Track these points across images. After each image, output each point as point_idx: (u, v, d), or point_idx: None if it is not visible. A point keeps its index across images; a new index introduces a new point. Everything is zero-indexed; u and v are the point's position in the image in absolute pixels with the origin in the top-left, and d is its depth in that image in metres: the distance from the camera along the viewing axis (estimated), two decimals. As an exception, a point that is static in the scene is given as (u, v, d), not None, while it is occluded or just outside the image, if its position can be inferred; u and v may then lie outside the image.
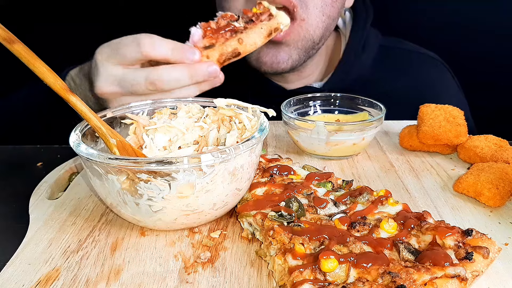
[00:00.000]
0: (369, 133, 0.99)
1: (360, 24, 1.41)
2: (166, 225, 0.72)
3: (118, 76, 0.94)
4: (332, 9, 1.22)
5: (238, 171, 0.69)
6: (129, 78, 0.94)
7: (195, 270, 0.64)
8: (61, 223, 0.77)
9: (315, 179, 0.80)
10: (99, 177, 0.69)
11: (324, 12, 1.20)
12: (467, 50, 1.72)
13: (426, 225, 0.65)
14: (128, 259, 0.67)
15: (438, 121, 0.99)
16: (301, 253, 0.60)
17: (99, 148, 0.78)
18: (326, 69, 1.48)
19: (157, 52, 0.92)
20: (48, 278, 0.63)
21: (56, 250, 0.69)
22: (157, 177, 0.64)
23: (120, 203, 0.69)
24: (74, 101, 0.69)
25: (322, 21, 1.21)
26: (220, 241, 0.71)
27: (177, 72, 0.92)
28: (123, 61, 0.94)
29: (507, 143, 0.95)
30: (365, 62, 1.41)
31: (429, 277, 0.55)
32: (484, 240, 0.62)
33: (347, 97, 1.12)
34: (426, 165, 0.98)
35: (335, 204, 0.73)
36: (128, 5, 1.80)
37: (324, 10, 1.20)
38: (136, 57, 0.93)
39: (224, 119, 0.83)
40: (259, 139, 0.71)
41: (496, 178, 0.81)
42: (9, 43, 0.64)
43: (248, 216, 0.72)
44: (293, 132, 1.03)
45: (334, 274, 0.57)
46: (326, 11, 1.21)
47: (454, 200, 0.83)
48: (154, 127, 0.80)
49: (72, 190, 0.88)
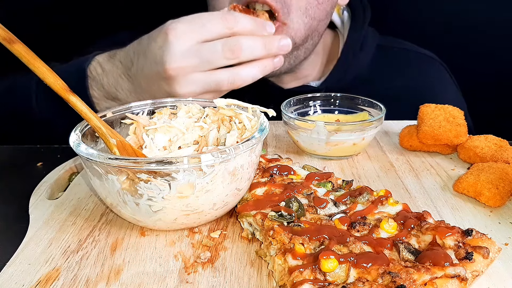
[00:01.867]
0: (369, 133, 0.99)
1: (358, 24, 1.41)
2: (166, 225, 0.72)
3: (195, 49, 0.96)
4: (317, 11, 1.21)
5: (238, 171, 0.69)
6: (207, 49, 0.96)
7: (195, 270, 0.64)
8: (61, 223, 0.77)
9: (315, 179, 0.80)
10: (99, 177, 0.69)
11: (308, 14, 1.19)
12: (466, 49, 1.71)
13: (426, 225, 0.65)
14: (128, 259, 0.67)
15: (438, 121, 0.99)
16: (301, 253, 0.60)
17: (99, 148, 0.78)
18: (324, 68, 1.48)
19: (240, 25, 0.97)
20: (48, 278, 0.63)
21: (56, 250, 0.69)
22: (157, 177, 0.64)
23: (120, 203, 0.69)
24: (74, 101, 0.69)
25: (305, 23, 1.20)
26: (220, 241, 0.71)
27: (253, 40, 0.98)
28: (205, 36, 0.96)
29: (507, 143, 0.95)
30: (363, 61, 1.41)
31: (429, 277, 0.55)
32: (484, 240, 0.62)
33: (347, 97, 1.12)
34: (426, 165, 0.98)
35: (335, 204, 0.73)
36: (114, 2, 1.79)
37: (307, 12, 1.19)
38: (220, 32, 0.96)
39: (224, 119, 0.83)
40: (259, 139, 0.71)
41: (496, 178, 0.81)
42: (9, 43, 0.64)
43: (248, 216, 0.72)
44: (293, 132, 1.03)
45: (334, 274, 0.57)
46: (310, 13, 1.19)
47: (454, 200, 0.83)
48: (154, 127, 0.80)
49: (72, 190, 0.88)
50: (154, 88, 1.04)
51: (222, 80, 1.00)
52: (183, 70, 0.98)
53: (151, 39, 1.02)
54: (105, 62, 1.13)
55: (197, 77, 0.99)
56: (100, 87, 1.13)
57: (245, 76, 1.01)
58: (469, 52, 1.71)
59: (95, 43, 1.36)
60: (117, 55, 1.13)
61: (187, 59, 0.97)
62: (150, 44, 1.01)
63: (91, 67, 1.13)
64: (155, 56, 0.99)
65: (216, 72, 0.99)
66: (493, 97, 1.74)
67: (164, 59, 0.97)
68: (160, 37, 0.98)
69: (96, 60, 1.14)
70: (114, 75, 1.11)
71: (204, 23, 0.97)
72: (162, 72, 0.98)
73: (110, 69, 1.12)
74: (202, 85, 1.00)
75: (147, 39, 1.03)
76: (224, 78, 0.99)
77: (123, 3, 1.78)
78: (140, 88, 1.08)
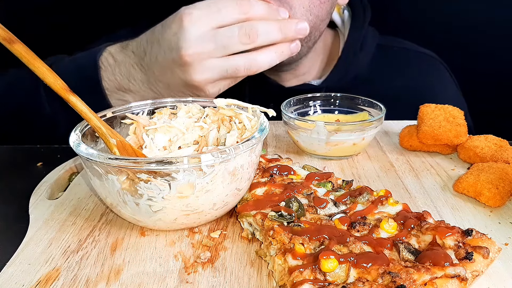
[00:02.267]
0: (369, 133, 0.99)
1: (359, 23, 1.41)
2: (166, 225, 0.72)
3: (211, 34, 0.96)
4: (320, 10, 1.21)
5: (238, 171, 0.69)
6: (223, 34, 0.96)
7: (195, 270, 0.64)
8: (61, 223, 0.77)
9: (315, 179, 0.80)
10: (99, 177, 0.69)
11: (312, 12, 1.19)
12: (466, 49, 1.71)
13: (426, 225, 0.65)
14: (128, 259, 0.67)
15: (438, 121, 0.99)
16: (301, 253, 0.60)
17: (99, 148, 0.78)
18: (325, 67, 1.48)
19: (255, 10, 0.98)
20: (48, 278, 0.63)
21: (56, 250, 0.69)
22: (157, 177, 0.64)
23: (120, 203, 0.69)
24: (74, 101, 0.69)
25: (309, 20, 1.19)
26: (220, 241, 0.71)
27: (269, 25, 0.98)
28: (220, 21, 0.96)
29: (507, 143, 0.95)
30: (363, 61, 1.41)
31: (429, 277, 0.55)
32: (484, 240, 0.62)
33: (347, 97, 1.12)
34: (426, 165, 0.98)
35: (335, 204, 0.73)
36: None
37: (312, 10, 1.19)
38: (236, 17, 0.97)
39: (224, 119, 0.83)
40: (259, 139, 0.71)
41: (496, 178, 0.81)
42: (9, 43, 0.64)
43: (248, 216, 0.72)
44: (293, 132, 1.03)
45: (334, 274, 0.57)
46: (314, 11, 1.19)
47: (454, 200, 0.83)
48: (154, 127, 0.80)
49: (72, 190, 0.88)
50: (168, 76, 1.04)
51: (239, 65, 0.99)
52: (199, 56, 0.97)
53: (165, 26, 1.01)
54: (117, 53, 1.12)
55: (213, 63, 0.98)
56: (112, 78, 1.11)
57: (262, 62, 1.00)
58: (469, 52, 1.71)
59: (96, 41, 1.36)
60: (129, 46, 1.11)
61: (203, 44, 0.96)
62: (165, 31, 1.00)
63: (103, 58, 1.11)
64: (169, 42, 0.99)
65: (232, 58, 0.99)
66: (493, 97, 1.74)
67: (180, 45, 0.97)
68: (175, 23, 0.98)
69: (107, 51, 1.13)
70: (127, 66, 1.10)
71: (219, 8, 0.96)
72: (178, 59, 0.98)
73: (122, 59, 1.11)
74: (218, 71, 0.99)
75: (161, 27, 1.03)
76: (241, 64, 0.99)
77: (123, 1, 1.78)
78: (154, 77, 1.07)
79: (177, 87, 1.06)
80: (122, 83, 1.11)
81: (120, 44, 1.14)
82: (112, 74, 1.11)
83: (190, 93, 1.07)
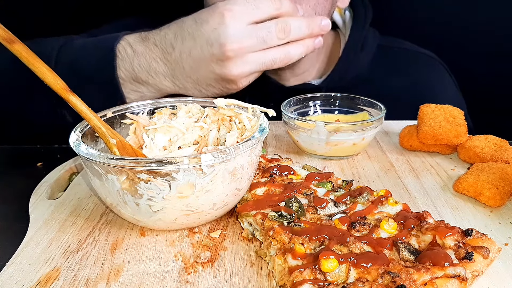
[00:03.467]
0: (369, 133, 0.99)
1: (360, 24, 1.42)
2: (166, 225, 0.72)
3: (250, 29, 1.02)
4: (323, 8, 1.24)
5: (238, 171, 0.69)
6: (262, 29, 1.02)
7: (195, 270, 0.64)
8: (61, 223, 0.77)
9: (315, 179, 0.80)
10: (99, 177, 0.69)
11: (316, 11, 1.22)
12: (466, 49, 1.71)
13: (426, 225, 0.65)
14: (128, 259, 0.67)
15: (438, 121, 0.99)
16: (301, 253, 0.60)
17: (99, 148, 0.78)
18: (325, 67, 1.48)
19: (285, 7, 1.05)
20: (48, 278, 0.63)
21: (56, 250, 0.69)
22: (157, 177, 0.64)
23: (120, 203, 0.69)
24: (74, 101, 0.69)
25: None
26: (220, 241, 0.71)
27: (299, 21, 1.06)
28: (258, 17, 1.02)
29: (507, 143, 0.95)
30: (364, 61, 1.41)
31: (429, 277, 0.55)
32: (484, 240, 0.62)
33: (347, 97, 1.12)
34: (426, 165, 0.98)
35: (335, 204, 0.73)
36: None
37: (316, 9, 1.22)
38: (271, 13, 1.03)
39: (224, 119, 0.83)
40: (259, 139, 0.71)
41: (496, 178, 0.81)
42: (9, 43, 0.64)
43: (248, 216, 0.72)
44: (293, 132, 1.03)
45: (334, 274, 0.57)
46: (318, 10, 1.22)
47: (454, 200, 0.83)
48: (154, 127, 0.80)
49: (72, 190, 0.88)
50: (201, 71, 1.06)
51: (275, 58, 1.05)
52: (241, 50, 1.02)
53: (200, 20, 1.03)
54: (136, 43, 1.10)
55: (253, 57, 1.04)
56: (129, 69, 1.09)
57: (293, 54, 1.08)
58: (469, 52, 1.71)
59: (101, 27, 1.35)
60: (150, 38, 1.09)
61: (245, 39, 1.01)
62: (201, 26, 1.02)
63: (120, 46, 1.09)
64: (208, 37, 1.01)
65: (270, 51, 1.05)
66: (493, 97, 1.74)
67: (222, 40, 1.00)
68: (214, 18, 1.01)
69: (125, 39, 1.10)
70: (147, 58, 1.08)
71: (257, 4, 1.02)
72: (219, 54, 1.01)
73: (142, 51, 1.09)
74: (256, 64, 1.05)
75: (193, 21, 1.04)
76: (277, 57, 1.05)
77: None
78: (182, 72, 1.07)
79: (207, 81, 1.08)
80: (140, 75, 1.09)
81: (139, 35, 1.11)
82: (130, 64, 1.09)
83: (220, 86, 1.10)
